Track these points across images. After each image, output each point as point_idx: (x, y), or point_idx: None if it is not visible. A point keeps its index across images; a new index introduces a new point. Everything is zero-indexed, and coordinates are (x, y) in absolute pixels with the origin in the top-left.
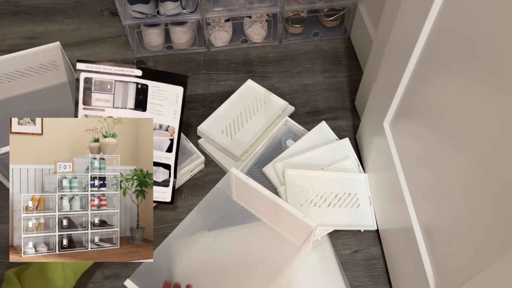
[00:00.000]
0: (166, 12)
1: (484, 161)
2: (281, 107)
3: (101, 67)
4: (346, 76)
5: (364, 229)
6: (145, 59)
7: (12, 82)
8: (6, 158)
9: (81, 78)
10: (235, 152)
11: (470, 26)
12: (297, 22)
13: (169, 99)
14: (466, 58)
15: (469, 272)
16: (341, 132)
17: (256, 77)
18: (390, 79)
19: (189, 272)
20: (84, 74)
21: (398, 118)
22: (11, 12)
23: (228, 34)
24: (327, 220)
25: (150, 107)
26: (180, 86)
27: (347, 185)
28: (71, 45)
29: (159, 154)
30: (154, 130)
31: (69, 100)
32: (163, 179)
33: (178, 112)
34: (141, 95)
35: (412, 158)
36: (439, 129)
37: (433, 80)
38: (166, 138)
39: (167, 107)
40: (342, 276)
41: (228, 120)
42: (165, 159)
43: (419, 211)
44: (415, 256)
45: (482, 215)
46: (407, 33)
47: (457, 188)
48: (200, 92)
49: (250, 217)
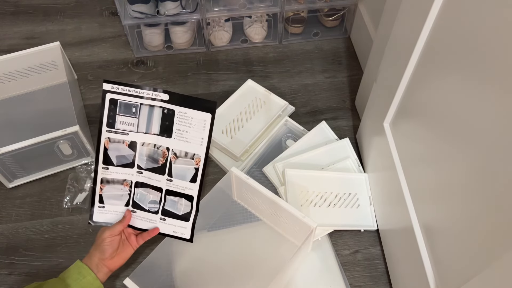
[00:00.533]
0: (166, 12)
1: (484, 160)
2: (281, 107)
3: (127, 89)
4: (346, 76)
5: (364, 229)
6: (145, 59)
7: (12, 82)
8: (6, 158)
9: (106, 99)
10: (235, 152)
11: (470, 26)
12: (297, 22)
13: (196, 126)
14: (466, 58)
15: (469, 272)
16: (341, 132)
17: (256, 77)
18: (390, 79)
19: (188, 272)
20: (110, 95)
21: (398, 118)
22: (11, 12)
23: (228, 34)
24: (327, 220)
25: (176, 133)
26: (208, 113)
27: (347, 185)
28: (71, 45)
29: (182, 184)
30: (178, 158)
31: (69, 100)
32: (184, 212)
33: (205, 140)
34: (167, 120)
35: (412, 158)
36: (439, 129)
37: (433, 80)
38: (191, 167)
39: (193, 134)
40: (342, 276)
41: (228, 120)
42: (188, 189)
43: (419, 211)
44: (415, 256)
45: (482, 215)
46: (407, 33)
47: (457, 187)
48: (200, 92)
49: (250, 217)
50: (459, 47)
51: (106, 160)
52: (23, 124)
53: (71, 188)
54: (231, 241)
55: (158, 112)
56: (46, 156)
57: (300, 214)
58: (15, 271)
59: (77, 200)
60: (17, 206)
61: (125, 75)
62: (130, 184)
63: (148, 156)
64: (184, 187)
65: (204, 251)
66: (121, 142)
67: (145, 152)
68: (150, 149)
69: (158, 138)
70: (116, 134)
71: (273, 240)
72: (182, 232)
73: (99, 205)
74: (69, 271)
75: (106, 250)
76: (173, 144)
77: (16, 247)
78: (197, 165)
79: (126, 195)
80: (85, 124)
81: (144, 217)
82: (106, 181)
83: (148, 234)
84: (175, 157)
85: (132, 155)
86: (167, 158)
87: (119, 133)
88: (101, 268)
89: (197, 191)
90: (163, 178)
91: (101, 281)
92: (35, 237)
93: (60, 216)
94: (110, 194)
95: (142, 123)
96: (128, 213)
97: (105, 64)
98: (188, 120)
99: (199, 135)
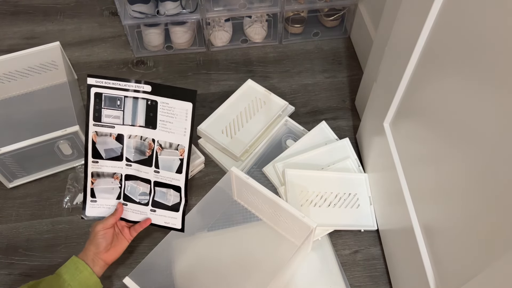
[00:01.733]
0: (166, 12)
1: (484, 160)
2: (281, 107)
3: (111, 82)
4: (346, 76)
5: (364, 229)
6: (145, 59)
7: (12, 82)
8: (6, 158)
9: (91, 93)
10: (235, 152)
11: (470, 26)
12: (297, 22)
13: (179, 116)
14: (466, 58)
15: (469, 272)
16: (341, 132)
17: (256, 77)
18: (390, 79)
19: (188, 271)
20: (94, 89)
21: (398, 118)
22: (11, 12)
23: (228, 34)
24: (327, 220)
25: (160, 124)
26: (189, 102)
27: (347, 185)
28: (71, 45)
29: (169, 175)
30: (163, 149)
31: (69, 100)
32: (174, 202)
33: (187, 130)
34: (151, 112)
35: (412, 158)
36: (439, 129)
37: (433, 80)
38: (176, 157)
39: (176, 125)
40: (342, 276)
41: (228, 120)
42: (175, 180)
43: (419, 210)
44: (415, 256)
45: (483, 215)
46: (407, 33)
47: (457, 187)
48: (200, 92)
49: (250, 216)
50: (459, 47)
51: (95, 154)
52: (23, 124)
53: (71, 188)
54: (231, 240)
55: (142, 104)
56: (46, 156)
57: (300, 214)
58: (15, 271)
59: (77, 200)
60: (17, 206)
61: (125, 75)
62: (120, 177)
63: (136, 148)
64: (172, 178)
65: (204, 251)
66: (108, 135)
67: (133, 145)
68: (137, 141)
69: (144, 130)
70: (102, 127)
71: (272, 239)
72: (173, 222)
73: (91, 200)
74: (66, 267)
75: (101, 244)
76: (158, 135)
77: (16, 247)
78: (182, 155)
79: (117, 189)
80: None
81: (135, 210)
82: (97, 174)
83: (140, 225)
84: (160, 148)
85: (119, 148)
86: (153, 149)
87: (105, 126)
88: (97, 262)
89: (184, 182)
90: (150, 170)
91: (97, 275)
92: (35, 237)
93: (60, 216)
94: (101, 188)
95: (128, 116)
96: (120, 206)
97: (105, 64)
98: (170, 111)
99: (181, 125)
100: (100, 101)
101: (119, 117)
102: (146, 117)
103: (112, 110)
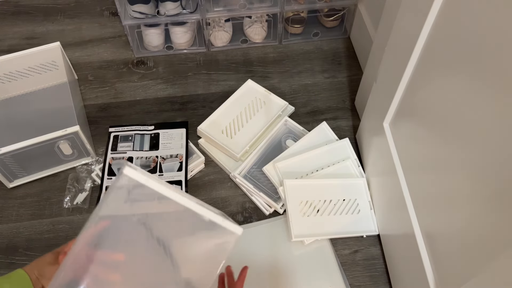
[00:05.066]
0: (166, 12)
1: (485, 162)
2: (281, 107)
3: (125, 128)
4: (346, 76)
5: (366, 235)
6: (145, 59)
7: (12, 82)
8: (7, 158)
9: (111, 136)
10: (235, 152)
11: (470, 26)
12: (297, 22)
13: (176, 137)
14: (466, 58)
15: (469, 272)
16: (341, 132)
17: (256, 77)
18: (390, 79)
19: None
20: (113, 133)
21: (398, 118)
22: (11, 12)
23: (228, 34)
24: (329, 228)
25: (162, 146)
26: (183, 128)
27: (347, 191)
28: (71, 45)
29: (171, 174)
30: (166, 159)
31: (69, 100)
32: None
33: (184, 144)
34: (154, 140)
35: (412, 158)
36: (439, 129)
37: (433, 80)
38: (177, 161)
39: (174, 143)
40: (342, 276)
41: (228, 120)
42: (177, 176)
43: (419, 213)
44: (415, 256)
45: (483, 217)
46: (407, 33)
47: (457, 190)
48: (200, 92)
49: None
50: (459, 47)
51: (110, 172)
52: (23, 124)
53: (71, 188)
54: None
55: (147, 137)
56: (47, 156)
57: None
58: None
59: (77, 200)
60: (17, 206)
61: (125, 75)
62: None
63: (141, 166)
64: (174, 176)
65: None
66: (121, 158)
67: (139, 163)
68: (143, 160)
69: (149, 153)
70: (117, 153)
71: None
72: None
73: None
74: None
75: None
76: (160, 153)
77: (16, 247)
78: (181, 160)
79: None
80: (85, 124)
81: None
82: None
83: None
84: (163, 160)
85: None
86: (157, 162)
87: (119, 153)
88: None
89: (184, 176)
90: (155, 175)
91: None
92: (35, 237)
93: (60, 216)
94: None
95: (136, 145)
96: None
97: (105, 64)
98: (169, 136)
99: (179, 142)
100: (117, 140)
101: (130, 146)
102: (151, 144)
103: (125, 143)
